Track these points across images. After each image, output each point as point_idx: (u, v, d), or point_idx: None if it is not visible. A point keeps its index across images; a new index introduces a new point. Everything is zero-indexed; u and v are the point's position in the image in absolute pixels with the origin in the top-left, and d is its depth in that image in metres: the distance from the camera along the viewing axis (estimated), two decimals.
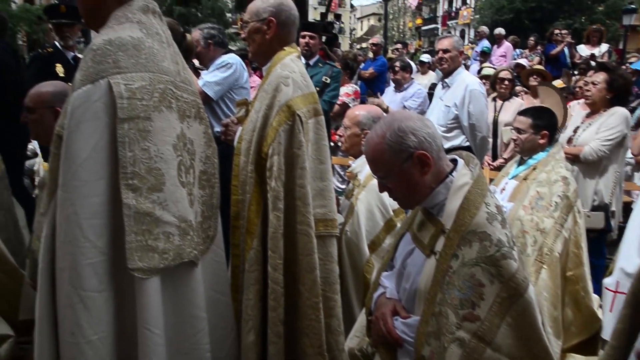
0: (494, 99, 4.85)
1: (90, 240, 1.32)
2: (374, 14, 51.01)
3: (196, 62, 3.99)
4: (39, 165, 4.48)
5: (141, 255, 1.35)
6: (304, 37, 4.04)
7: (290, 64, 2.04)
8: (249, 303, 1.95)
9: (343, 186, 4.38)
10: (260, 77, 5.30)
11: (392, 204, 2.37)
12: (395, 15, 43.39)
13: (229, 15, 33.70)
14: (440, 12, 44.35)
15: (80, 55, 3.95)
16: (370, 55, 8.11)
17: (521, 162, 2.80)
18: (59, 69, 3.83)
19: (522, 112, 2.87)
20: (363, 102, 5.27)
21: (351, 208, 2.48)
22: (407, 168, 1.49)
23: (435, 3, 45.21)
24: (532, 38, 9.48)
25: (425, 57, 8.21)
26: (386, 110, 4.12)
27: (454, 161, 1.60)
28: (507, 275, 1.35)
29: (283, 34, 2.07)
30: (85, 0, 1.58)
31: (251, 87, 3.84)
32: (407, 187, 1.53)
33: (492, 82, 5.01)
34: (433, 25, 43.95)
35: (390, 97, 5.25)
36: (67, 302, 1.35)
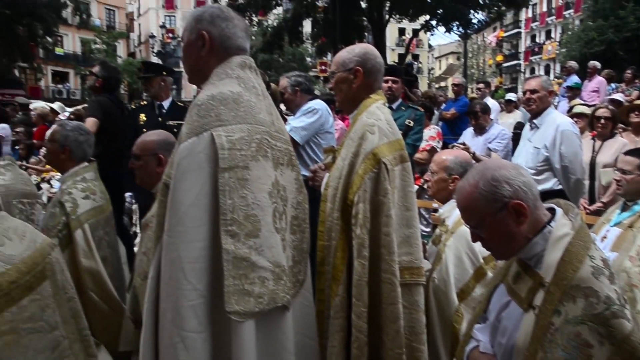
0: (593, 139, 4.57)
1: (191, 283, 1.40)
2: (452, 52, 50.76)
3: (282, 107, 4.18)
4: (136, 205, 4.86)
5: (238, 299, 1.41)
6: (386, 81, 4.09)
7: (376, 111, 2.07)
8: (333, 350, 1.94)
9: (428, 229, 4.29)
10: (342, 120, 5.44)
11: (482, 251, 2.28)
12: (474, 53, 42.86)
13: (308, 59, 35.16)
14: (522, 48, 43.19)
15: (166, 103, 4.27)
16: (450, 95, 8.01)
17: (625, 208, 2.59)
18: (141, 117, 4.24)
19: (628, 152, 2.68)
20: (446, 143, 5.19)
21: (439, 255, 2.42)
22: (502, 218, 1.44)
23: (517, 39, 44.15)
24: (629, 71, 8.87)
25: (512, 96, 7.96)
26: (474, 156, 4.01)
27: (552, 210, 1.52)
28: (619, 337, 1.24)
29: (369, 82, 2.12)
30: (189, 60, 1.74)
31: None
32: (501, 237, 1.48)
33: (590, 120, 4.72)
34: (515, 62, 42.82)
35: (470, 140, 5.10)
36: (169, 341, 1.43)
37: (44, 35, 21.44)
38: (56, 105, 9.32)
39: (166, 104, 4.24)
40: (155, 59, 26.03)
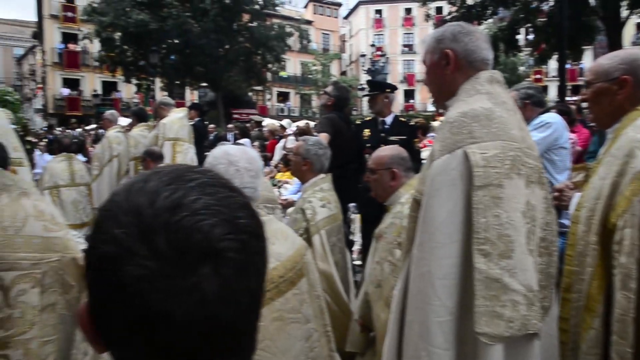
0: None
1: (440, 299, 1.42)
2: None
3: None
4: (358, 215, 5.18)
5: (488, 321, 1.37)
6: None
7: None
8: None
9: None
10: (572, 132, 4.89)
11: None
12: None
13: (521, 69, 32.73)
14: None
15: (388, 119, 4.41)
16: None
17: None
18: (365, 132, 4.48)
19: None
20: None
21: None
22: None
23: None
24: None
25: None
26: None
27: None
28: None
29: (637, 93, 1.86)
30: (435, 81, 1.77)
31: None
32: None
33: None
34: None
35: None
36: (414, 354, 1.47)
37: (274, 62, 24.80)
38: (285, 122, 10.65)
39: (389, 119, 4.41)
40: (365, 76, 27.51)
